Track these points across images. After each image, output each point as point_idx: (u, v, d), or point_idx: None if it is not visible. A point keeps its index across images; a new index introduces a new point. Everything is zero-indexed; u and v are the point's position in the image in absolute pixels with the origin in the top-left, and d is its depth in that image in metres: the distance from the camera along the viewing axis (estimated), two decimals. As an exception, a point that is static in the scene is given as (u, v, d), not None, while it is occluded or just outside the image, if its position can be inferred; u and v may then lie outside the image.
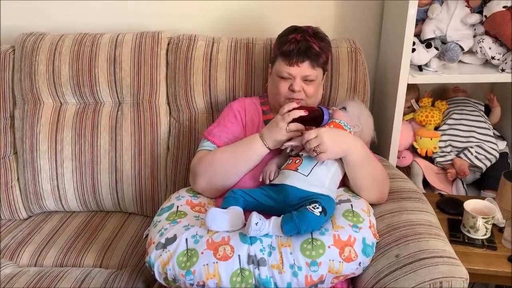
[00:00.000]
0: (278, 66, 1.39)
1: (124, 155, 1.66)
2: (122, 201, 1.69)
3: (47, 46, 1.67)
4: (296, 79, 1.37)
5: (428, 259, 1.11)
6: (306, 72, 1.37)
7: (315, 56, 1.37)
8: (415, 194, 1.39)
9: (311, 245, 1.10)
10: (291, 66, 1.36)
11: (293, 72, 1.36)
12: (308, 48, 1.36)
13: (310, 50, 1.36)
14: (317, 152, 1.20)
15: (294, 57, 1.35)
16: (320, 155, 1.20)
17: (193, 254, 1.10)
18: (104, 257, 1.50)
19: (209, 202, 1.35)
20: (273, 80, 1.43)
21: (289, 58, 1.36)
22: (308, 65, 1.36)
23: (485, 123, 1.81)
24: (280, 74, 1.38)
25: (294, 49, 1.35)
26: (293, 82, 1.37)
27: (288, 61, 1.36)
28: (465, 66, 1.73)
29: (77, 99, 1.70)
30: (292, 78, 1.37)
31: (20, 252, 1.52)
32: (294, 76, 1.37)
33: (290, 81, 1.38)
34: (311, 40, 1.37)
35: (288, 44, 1.36)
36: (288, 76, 1.37)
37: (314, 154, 1.20)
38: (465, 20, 1.65)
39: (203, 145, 1.41)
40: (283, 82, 1.38)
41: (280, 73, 1.38)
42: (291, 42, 1.36)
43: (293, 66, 1.36)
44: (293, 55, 1.35)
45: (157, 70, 1.66)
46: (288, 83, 1.38)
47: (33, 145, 1.67)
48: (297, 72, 1.36)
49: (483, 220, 1.46)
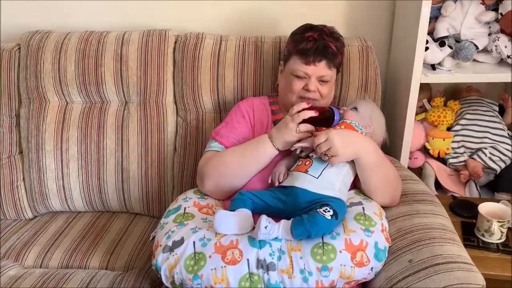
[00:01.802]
0: (293, 64, 1.36)
1: (130, 155, 1.64)
2: (128, 202, 1.68)
3: (53, 44, 1.66)
4: (312, 78, 1.34)
5: (443, 265, 1.08)
6: (322, 72, 1.34)
7: (332, 56, 1.34)
8: (428, 196, 1.36)
9: (322, 250, 1.08)
10: (307, 65, 1.33)
11: (310, 71, 1.33)
12: (325, 47, 1.33)
13: (327, 50, 1.33)
14: (328, 156, 1.17)
15: (311, 55, 1.32)
16: (332, 158, 1.17)
17: (201, 258, 1.08)
18: (110, 258, 1.48)
19: (216, 204, 1.33)
20: (287, 79, 1.39)
21: (306, 56, 1.33)
22: (325, 65, 1.34)
23: (499, 124, 1.77)
24: (295, 72, 1.35)
25: (311, 47, 1.32)
26: (309, 82, 1.34)
27: (305, 60, 1.33)
28: (480, 65, 1.69)
29: (83, 98, 1.68)
30: (308, 78, 1.35)
31: (26, 253, 1.51)
32: (310, 75, 1.34)
33: (305, 80, 1.35)
34: (328, 40, 1.34)
35: (305, 42, 1.33)
36: (304, 75, 1.34)
37: (326, 158, 1.18)
38: (479, 18, 1.61)
39: (211, 145, 1.39)
40: (298, 81, 1.36)
41: (295, 72, 1.35)
42: (308, 40, 1.33)
43: (310, 65, 1.33)
44: (310, 54, 1.32)
45: (164, 69, 1.64)
46: (303, 82, 1.35)
47: (39, 145, 1.65)
48: (314, 71, 1.33)
49: (498, 223, 1.43)
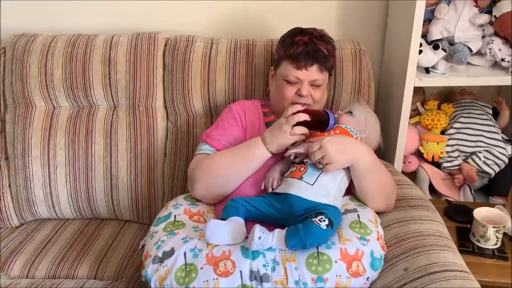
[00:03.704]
0: (284, 69, 1.33)
1: (119, 161, 1.60)
2: (117, 209, 1.64)
3: (39, 47, 1.62)
4: (304, 83, 1.31)
5: (439, 273, 1.06)
6: (314, 76, 1.31)
7: (324, 59, 1.32)
8: (423, 201, 1.34)
9: (317, 260, 1.05)
10: (299, 69, 1.30)
11: (301, 76, 1.31)
12: (317, 51, 1.31)
13: (319, 53, 1.31)
14: (322, 164, 1.15)
15: (302, 60, 1.30)
16: (326, 166, 1.15)
17: (192, 270, 1.05)
18: (99, 268, 1.44)
19: (208, 211, 1.30)
20: (278, 84, 1.37)
21: (296, 61, 1.30)
22: (317, 68, 1.31)
23: (493, 127, 1.76)
24: (286, 78, 1.33)
25: (302, 52, 1.30)
26: (301, 87, 1.32)
27: (296, 65, 1.30)
28: (474, 68, 1.67)
29: (70, 102, 1.64)
30: (300, 83, 1.32)
31: (12, 262, 1.46)
32: (302, 80, 1.31)
33: (297, 85, 1.32)
34: (318, 43, 1.32)
35: (296, 46, 1.31)
36: (296, 80, 1.32)
37: (320, 166, 1.16)
38: (473, 21, 1.60)
39: (202, 148, 1.36)
40: (290, 87, 1.33)
41: (287, 77, 1.32)
42: (299, 44, 1.31)
43: (301, 70, 1.30)
44: (301, 58, 1.30)
45: (153, 73, 1.60)
46: (295, 87, 1.32)
47: (25, 151, 1.61)
48: (305, 76, 1.31)
49: (494, 229, 1.42)
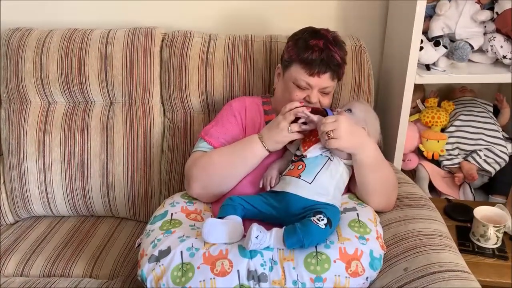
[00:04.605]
0: (294, 72, 1.29)
1: (116, 158, 1.58)
2: (113, 206, 1.62)
3: (34, 42, 1.60)
4: (314, 90, 1.29)
5: (439, 273, 1.05)
6: (326, 83, 1.28)
7: (337, 67, 1.28)
8: (423, 200, 1.33)
9: (315, 260, 1.04)
10: (311, 76, 1.26)
11: (313, 82, 1.27)
12: (331, 58, 1.26)
13: (333, 61, 1.27)
14: (330, 136, 1.12)
15: (316, 67, 1.25)
16: (331, 140, 1.12)
17: (189, 269, 1.03)
18: (95, 266, 1.43)
19: (205, 209, 1.28)
20: (286, 86, 1.33)
21: (310, 67, 1.26)
22: (329, 76, 1.28)
23: (494, 125, 1.74)
24: (296, 82, 1.29)
25: (316, 58, 1.25)
26: (311, 94, 1.29)
27: (309, 71, 1.26)
28: (475, 66, 1.65)
29: (66, 98, 1.62)
30: (310, 88, 1.29)
31: (6, 260, 1.45)
32: (312, 86, 1.28)
33: (307, 91, 1.29)
34: (333, 50, 1.27)
35: (310, 52, 1.26)
36: (306, 86, 1.28)
37: (326, 138, 1.12)
38: (475, 17, 1.57)
39: (199, 145, 1.34)
40: (299, 92, 1.29)
41: (297, 81, 1.29)
42: (314, 50, 1.26)
43: (313, 77, 1.26)
44: (315, 65, 1.25)
45: (150, 68, 1.58)
46: (304, 93, 1.29)
47: (20, 147, 1.59)
48: (317, 83, 1.28)
49: (494, 228, 1.41)
